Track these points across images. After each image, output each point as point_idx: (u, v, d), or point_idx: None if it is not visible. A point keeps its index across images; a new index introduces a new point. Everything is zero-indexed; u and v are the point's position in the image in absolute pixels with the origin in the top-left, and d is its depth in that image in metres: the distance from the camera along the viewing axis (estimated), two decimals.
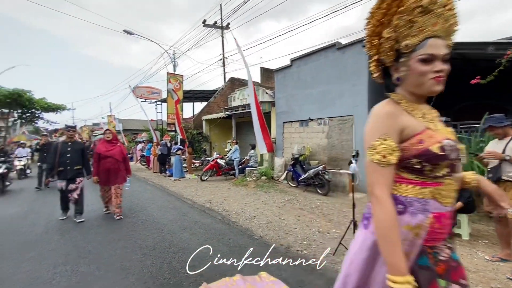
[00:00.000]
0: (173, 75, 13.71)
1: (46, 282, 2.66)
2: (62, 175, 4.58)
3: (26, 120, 22.75)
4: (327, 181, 6.55)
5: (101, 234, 4.06)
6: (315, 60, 7.95)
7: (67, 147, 4.69)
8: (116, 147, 4.97)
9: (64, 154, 4.60)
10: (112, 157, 4.82)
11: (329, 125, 7.59)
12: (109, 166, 4.79)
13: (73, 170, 4.62)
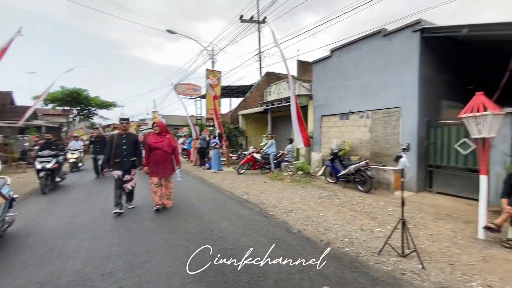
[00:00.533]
0: (211, 71, 14.12)
1: (104, 259, 2.94)
2: (118, 167, 4.71)
3: (83, 116, 25.50)
4: (370, 177, 6.17)
5: (149, 220, 4.38)
6: (358, 49, 7.48)
7: (122, 139, 4.79)
8: (165, 139, 4.92)
9: (120, 146, 4.71)
10: (161, 148, 4.78)
11: (373, 118, 7.12)
12: (158, 157, 4.76)
13: (128, 161, 4.75)
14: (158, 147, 4.80)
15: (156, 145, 4.82)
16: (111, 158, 4.72)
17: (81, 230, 3.87)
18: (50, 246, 3.32)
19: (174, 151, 5.02)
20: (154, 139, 4.89)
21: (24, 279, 2.54)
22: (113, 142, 4.73)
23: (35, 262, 2.88)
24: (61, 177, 7.47)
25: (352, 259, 2.96)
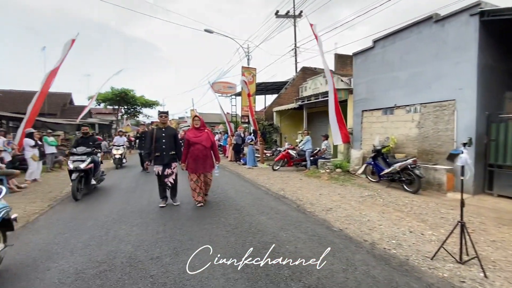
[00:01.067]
0: (247, 68, 14.26)
1: (151, 244, 3.13)
2: (158, 160, 4.67)
3: (130, 114, 27.69)
4: (418, 177, 5.67)
5: (191, 210, 4.57)
6: (405, 37, 6.91)
7: (161, 132, 4.74)
8: (203, 133, 4.77)
9: (159, 140, 4.66)
10: (200, 143, 4.62)
11: (421, 113, 6.53)
12: (197, 152, 4.62)
13: (168, 155, 4.68)
14: (197, 142, 4.64)
15: (195, 139, 4.67)
16: (152, 152, 4.71)
17: (131, 217, 4.19)
18: (106, 229, 3.65)
19: (213, 146, 4.85)
20: (193, 134, 4.76)
21: (85, 257, 2.82)
22: (153, 136, 4.71)
23: (93, 243, 3.18)
24: (97, 179, 6.29)
25: (402, 262, 2.74)
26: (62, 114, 23.09)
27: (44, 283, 2.33)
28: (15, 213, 3.13)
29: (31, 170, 7.44)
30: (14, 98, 21.90)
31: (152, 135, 4.74)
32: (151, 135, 4.77)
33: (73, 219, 4.11)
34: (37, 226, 3.85)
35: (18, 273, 2.52)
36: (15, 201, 5.41)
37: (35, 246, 3.14)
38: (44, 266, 2.65)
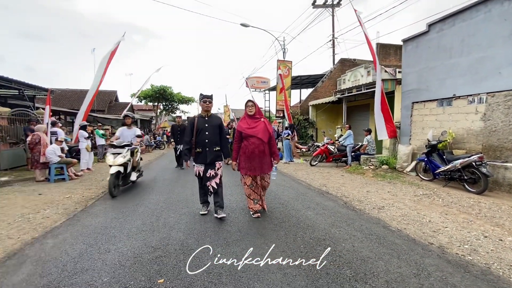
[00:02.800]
0: (282, 61, 13.97)
1: (201, 233, 3.12)
2: (200, 158, 3.61)
3: (167, 110, 29.04)
4: (485, 176, 4.99)
5: (235, 201, 4.53)
6: (468, 18, 6.09)
7: (204, 122, 3.62)
8: (259, 122, 3.62)
9: (201, 132, 3.58)
10: (255, 136, 3.53)
11: (488, 103, 5.73)
12: (252, 148, 3.52)
13: (212, 152, 3.59)
14: (252, 135, 3.54)
15: (249, 131, 3.56)
16: (192, 148, 3.61)
17: (177, 206, 4.27)
18: (156, 216, 3.75)
19: (271, 140, 3.68)
20: (246, 124, 3.64)
21: (140, 242, 2.89)
22: (194, 126, 3.62)
23: (146, 229, 3.26)
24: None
25: (483, 270, 2.36)
26: (109, 110, 25.04)
27: (106, 264, 2.41)
28: None
29: (85, 160, 8.09)
30: (69, 96, 24.24)
31: (193, 125, 3.63)
32: (192, 125, 3.65)
33: (125, 206, 4.31)
34: (95, 211, 4.10)
35: (82, 252, 2.66)
36: (74, 187, 5.90)
37: (94, 229, 3.31)
38: (104, 247, 2.76)
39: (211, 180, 3.62)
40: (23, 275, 2.26)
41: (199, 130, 3.60)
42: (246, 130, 3.59)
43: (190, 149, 3.62)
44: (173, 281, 2.11)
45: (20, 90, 9.20)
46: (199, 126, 3.62)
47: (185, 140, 3.65)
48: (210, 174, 3.61)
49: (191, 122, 3.71)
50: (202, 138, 3.60)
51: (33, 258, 2.57)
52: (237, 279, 2.15)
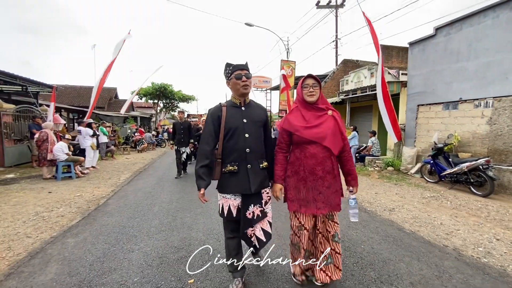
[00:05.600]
0: (286, 61, 13.99)
1: (221, 233, 3.15)
2: (235, 184, 1.95)
3: (167, 108, 28.92)
4: (491, 179, 5.08)
5: None
6: (476, 23, 6.17)
7: (240, 115, 2.00)
8: (326, 118, 1.98)
9: (237, 133, 1.95)
10: (319, 142, 1.92)
11: (495, 107, 5.82)
12: (312, 165, 1.94)
13: (257, 171, 1.99)
14: (312, 139, 1.94)
15: (307, 133, 1.95)
16: (215, 163, 1.97)
17: (191, 206, 4.30)
18: (172, 216, 3.78)
19: (344, 151, 2.06)
20: (301, 120, 2.00)
21: (162, 242, 2.92)
22: (220, 124, 1.97)
23: (165, 229, 3.29)
24: None
25: (500, 272, 2.43)
26: (108, 107, 24.89)
27: (132, 264, 2.44)
28: None
29: (89, 158, 8.07)
30: (69, 92, 24.04)
31: (219, 121, 1.98)
32: (216, 120, 1.98)
33: (138, 205, 4.33)
34: (109, 209, 4.12)
35: (106, 252, 2.68)
36: (82, 185, 5.89)
37: (113, 228, 3.34)
38: (127, 247, 2.79)
39: (255, 224, 1.97)
40: (52, 274, 2.29)
41: (232, 130, 1.93)
42: (303, 131, 1.92)
43: (211, 166, 1.92)
44: (203, 282, 2.15)
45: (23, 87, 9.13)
46: (232, 122, 1.94)
47: (202, 150, 1.93)
48: (254, 214, 1.95)
49: (214, 115, 1.96)
50: (238, 145, 1.92)
51: (58, 257, 2.59)
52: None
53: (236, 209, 1.96)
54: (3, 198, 4.69)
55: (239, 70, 1.94)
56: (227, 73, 1.99)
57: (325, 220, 2.01)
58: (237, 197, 1.97)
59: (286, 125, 2.02)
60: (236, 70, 1.94)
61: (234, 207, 1.97)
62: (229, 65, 1.97)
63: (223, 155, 1.95)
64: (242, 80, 1.93)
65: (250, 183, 1.92)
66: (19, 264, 2.50)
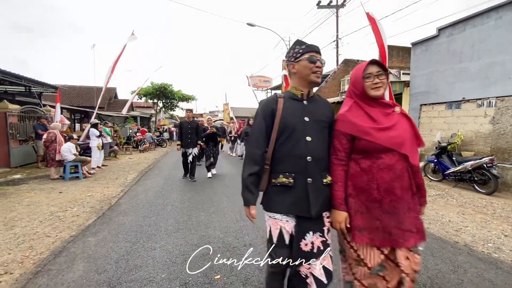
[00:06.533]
0: None
1: (238, 231, 3.23)
2: (290, 202, 1.43)
3: (167, 108, 28.85)
4: (495, 177, 5.20)
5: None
6: (479, 24, 6.29)
7: (301, 110, 1.49)
8: (396, 116, 1.46)
9: (296, 134, 1.44)
10: (396, 149, 1.39)
11: (497, 107, 5.94)
12: (390, 179, 1.38)
13: (319, 188, 1.45)
14: (387, 146, 1.39)
15: (380, 136, 1.40)
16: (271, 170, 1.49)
17: (204, 205, 4.36)
18: (187, 215, 3.84)
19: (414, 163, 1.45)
20: (366, 119, 1.45)
21: (182, 240, 2.99)
22: (275, 117, 1.47)
23: (182, 227, 3.36)
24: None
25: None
26: (108, 107, 24.84)
27: (157, 261, 2.51)
28: None
29: (95, 158, 8.09)
30: (68, 92, 23.95)
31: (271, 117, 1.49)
32: (267, 118, 1.50)
33: (152, 205, 4.39)
34: (123, 209, 4.17)
35: (128, 250, 2.75)
36: (90, 185, 5.94)
37: (130, 227, 3.40)
38: (148, 245, 2.85)
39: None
40: (80, 272, 2.35)
41: (289, 130, 1.46)
42: (376, 134, 1.41)
43: (260, 175, 1.50)
44: (229, 277, 2.22)
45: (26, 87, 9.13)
46: (289, 120, 1.47)
47: (251, 153, 1.51)
48: (314, 245, 1.44)
49: (266, 109, 1.51)
50: (297, 150, 1.45)
51: (82, 256, 2.65)
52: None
53: (288, 234, 1.43)
54: (15, 199, 4.73)
55: (313, 52, 1.47)
56: (295, 52, 1.49)
57: (408, 255, 1.36)
58: (290, 219, 1.43)
59: (347, 127, 1.46)
60: (310, 51, 1.47)
61: (287, 232, 1.43)
62: (301, 43, 1.51)
63: (274, 161, 1.47)
64: (316, 65, 1.45)
65: (310, 203, 1.39)
66: (44, 262, 2.55)
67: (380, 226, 1.39)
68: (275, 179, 1.46)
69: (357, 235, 1.42)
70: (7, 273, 2.40)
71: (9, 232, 3.28)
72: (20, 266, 2.52)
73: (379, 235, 1.39)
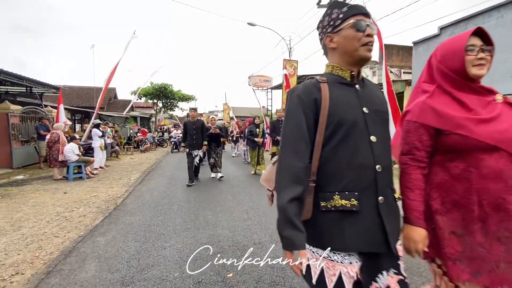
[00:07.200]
0: (288, 61, 14.07)
1: (245, 230, 3.24)
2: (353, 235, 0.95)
3: (167, 108, 28.81)
4: None
5: (264, 196, 4.64)
6: (480, 23, 6.31)
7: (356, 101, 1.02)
8: (500, 106, 1.05)
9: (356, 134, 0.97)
10: (505, 149, 0.99)
11: None
12: (499, 190, 0.99)
13: (393, 207, 1.01)
14: (493, 143, 0.99)
15: (484, 133, 1.00)
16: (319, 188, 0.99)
17: (210, 204, 4.37)
18: (194, 214, 3.85)
19: None
20: (461, 110, 1.06)
21: (191, 239, 2.99)
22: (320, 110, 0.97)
23: (190, 227, 3.36)
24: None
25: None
26: (108, 107, 24.80)
27: (168, 260, 2.52)
28: None
29: (98, 158, 8.08)
30: (68, 93, 23.88)
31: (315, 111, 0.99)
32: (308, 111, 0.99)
33: (158, 204, 4.39)
34: (129, 209, 4.17)
35: (139, 249, 2.75)
36: (94, 185, 5.93)
37: (139, 226, 3.40)
38: (158, 244, 2.86)
39: None
40: (92, 271, 2.35)
41: (345, 128, 0.97)
42: (474, 128, 1.02)
43: (302, 199, 0.95)
44: (241, 276, 2.23)
45: (28, 88, 9.11)
46: (343, 113, 0.98)
47: (288, 166, 0.96)
48: None
49: (306, 98, 0.99)
50: (359, 157, 0.97)
51: (93, 255, 2.66)
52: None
53: (352, 283, 0.99)
54: (20, 199, 4.72)
55: (360, 15, 1.00)
56: (333, 19, 1.03)
57: None
58: (353, 258, 1.00)
59: (431, 117, 1.08)
60: (356, 13, 1.00)
61: (350, 278, 0.98)
62: (340, 5, 1.02)
63: (322, 175, 0.98)
64: (366, 32, 0.98)
65: (386, 232, 0.96)
66: (55, 262, 2.55)
67: (486, 256, 0.99)
68: (326, 202, 0.96)
69: (452, 268, 1.04)
70: (18, 274, 2.40)
71: (16, 233, 3.28)
72: (30, 266, 2.52)
73: (485, 268, 0.99)
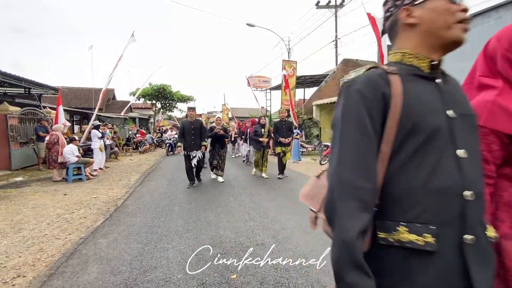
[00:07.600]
0: (287, 61, 14.10)
1: (248, 231, 3.23)
2: None
3: (166, 109, 28.73)
4: None
5: (267, 200, 4.64)
6: (479, 23, 6.35)
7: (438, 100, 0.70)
8: None
9: (438, 145, 0.65)
10: None
11: None
12: None
13: (487, 250, 0.67)
14: None
15: None
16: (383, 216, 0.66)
17: (211, 205, 4.36)
18: (195, 215, 3.83)
19: None
20: None
21: (193, 240, 2.98)
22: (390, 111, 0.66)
23: (192, 228, 3.35)
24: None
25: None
26: (106, 108, 24.72)
27: (171, 262, 2.50)
28: None
29: (97, 159, 8.05)
30: (66, 94, 23.79)
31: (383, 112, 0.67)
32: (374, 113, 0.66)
33: (158, 205, 4.37)
34: (130, 210, 4.16)
35: (141, 251, 2.74)
36: (94, 187, 5.91)
37: (140, 228, 3.38)
38: (160, 246, 2.84)
39: None
40: (95, 274, 2.34)
41: (426, 136, 0.65)
42: None
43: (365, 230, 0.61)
44: (245, 277, 2.23)
45: (26, 89, 9.07)
46: (423, 116, 0.66)
47: (349, 185, 0.62)
48: None
49: (371, 94, 0.67)
50: (442, 177, 0.64)
51: (95, 257, 2.64)
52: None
53: None
54: (20, 201, 4.69)
55: None
56: None
57: None
58: None
59: (502, 121, 0.87)
60: None
61: None
62: None
63: (386, 198, 0.68)
64: (462, 7, 0.70)
65: (472, 281, 0.63)
66: (57, 264, 2.53)
67: None
68: (389, 234, 0.66)
69: None
70: (20, 276, 2.38)
71: (17, 235, 3.26)
72: (32, 269, 2.50)
73: None
